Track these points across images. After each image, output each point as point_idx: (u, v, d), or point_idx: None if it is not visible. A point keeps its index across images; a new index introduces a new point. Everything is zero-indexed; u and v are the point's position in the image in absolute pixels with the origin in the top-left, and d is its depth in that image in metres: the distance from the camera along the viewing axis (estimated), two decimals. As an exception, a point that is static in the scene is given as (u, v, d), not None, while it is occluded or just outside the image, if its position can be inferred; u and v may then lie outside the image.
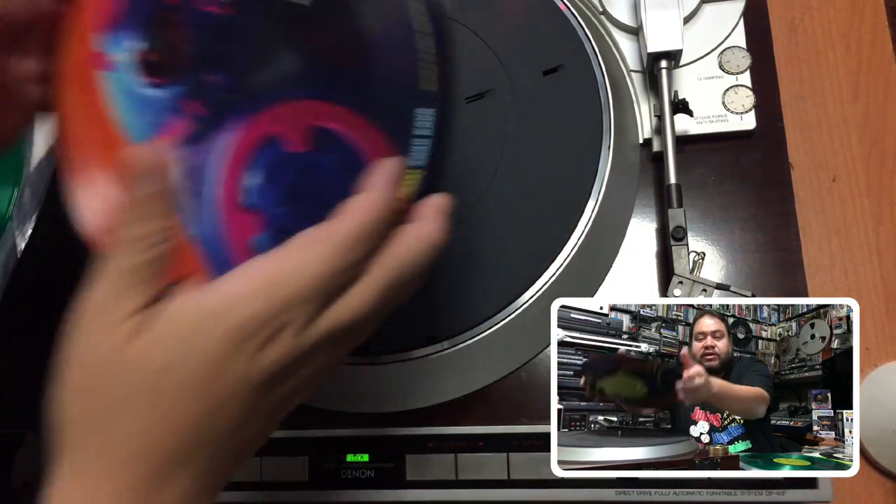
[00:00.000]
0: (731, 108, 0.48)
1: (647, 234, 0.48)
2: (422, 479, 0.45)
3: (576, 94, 0.48)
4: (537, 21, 0.50)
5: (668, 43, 0.46)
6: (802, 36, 0.53)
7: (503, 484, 0.44)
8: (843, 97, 0.52)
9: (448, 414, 0.45)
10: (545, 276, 0.44)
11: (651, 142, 0.49)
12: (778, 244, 0.47)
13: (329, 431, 0.46)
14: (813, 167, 0.51)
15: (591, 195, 0.45)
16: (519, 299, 0.44)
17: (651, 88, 0.50)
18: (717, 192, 0.48)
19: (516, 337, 0.45)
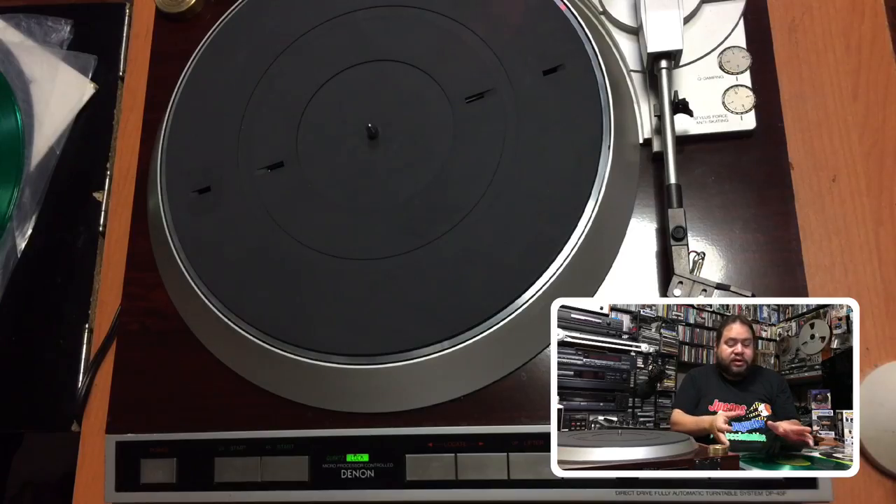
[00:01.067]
0: (731, 108, 0.48)
1: (647, 234, 0.48)
2: (422, 479, 0.45)
3: (576, 94, 0.48)
4: (537, 21, 0.50)
5: (668, 43, 0.46)
6: (802, 36, 0.53)
7: (503, 484, 0.44)
8: (843, 97, 0.52)
9: (448, 414, 0.45)
10: (545, 276, 0.44)
11: (651, 142, 0.49)
12: (778, 244, 0.47)
13: (329, 431, 0.46)
14: (813, 167, 0.51)
15: (591, 195, 0.45)
16: (519, 299, 0.44)
17: (651, 88, 0.50)
18: (717, 192, 0.48)
19: (516, 337, 0.45)
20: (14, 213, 0.58)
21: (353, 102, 0.51)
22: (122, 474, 0.48)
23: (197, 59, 0.55)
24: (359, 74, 0.52)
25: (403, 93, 0.51)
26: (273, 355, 0.45)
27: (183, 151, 0.52)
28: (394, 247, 0.47)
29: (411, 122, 0.50)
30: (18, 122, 0.60)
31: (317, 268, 0.47)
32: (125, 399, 0.50)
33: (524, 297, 0.44)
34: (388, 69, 0.51)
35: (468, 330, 0.44)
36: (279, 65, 0.53)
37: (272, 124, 0.51)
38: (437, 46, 0.51)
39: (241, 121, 0.52)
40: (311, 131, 0.51)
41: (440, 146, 0.48)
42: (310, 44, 0.53)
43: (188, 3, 0.58)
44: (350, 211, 0.48)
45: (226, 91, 0.53)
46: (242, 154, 0.51)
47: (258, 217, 0.49)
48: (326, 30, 0.53)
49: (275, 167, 0.50)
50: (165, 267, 0.51)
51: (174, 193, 0.51)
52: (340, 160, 0.50)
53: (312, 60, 0.52)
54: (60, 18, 0.63)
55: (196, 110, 0.53)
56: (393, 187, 0.48)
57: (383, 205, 0.48)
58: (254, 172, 0.50)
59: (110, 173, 0.58)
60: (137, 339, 0.51)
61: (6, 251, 0.57)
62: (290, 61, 0.53)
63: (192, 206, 0.50)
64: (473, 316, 0.44)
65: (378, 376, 0.45)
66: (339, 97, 0.51)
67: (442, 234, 0.46)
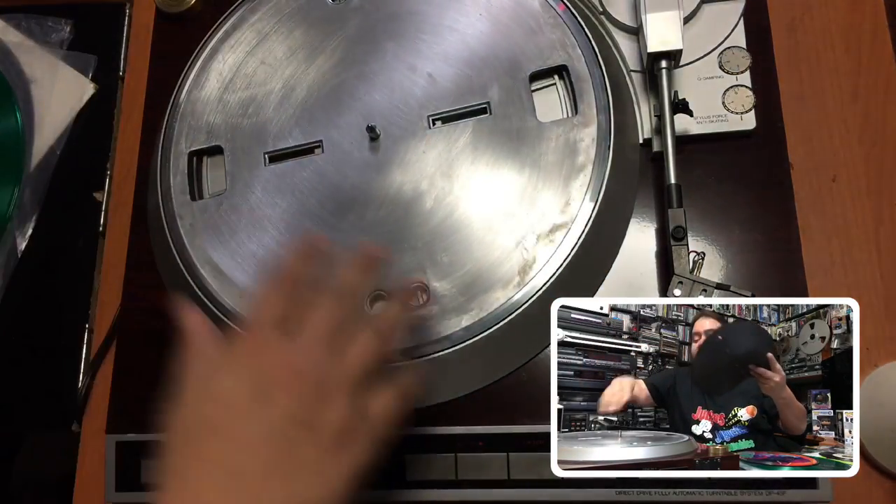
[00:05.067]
0: (731, 108, 0.48)
1: (647, 234, 0.48)
2: (422, 479, 0.45)
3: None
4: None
5: (668, 43, 0.46)
6: (802, 36, 0.53)
7: (503, 484, 0.44)
8: (843, 97, 0.52)
9: (448, 414, 0.45)
10: (545, 276, 0.44)
11: (651, 142, 0.49)
12: (778, 244, 0.47)
13: (329, 431, 0.46)
14: (813, 167, 0.51)
15: (591, 195, 0.45)
16: (519, 299, 0.44)
17: (651, 88, 0.50)
18: (717, 192, 0.48)
19: (516, 337, 0.45)
20: (14, 213, 0.58)
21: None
22: (122, 474, 0.48)
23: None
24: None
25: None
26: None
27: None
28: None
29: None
30: (18, 122, 0.60)
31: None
32: (125, 399, 0.50)
33: (524, 297, 0.44)
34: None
35: (468, 330, 0.44)
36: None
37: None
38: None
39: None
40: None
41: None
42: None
43: (188, 3, 0.58)
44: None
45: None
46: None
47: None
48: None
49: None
50: (165, 267, 0.51)
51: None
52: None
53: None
54: (60, 18, 0.63)
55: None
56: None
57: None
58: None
59: (110, 173, 0.58)
60: (137, 339, 0.51)
61: (6, 251, 0.57)
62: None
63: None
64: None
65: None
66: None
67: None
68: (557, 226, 0.45)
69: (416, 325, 0.41)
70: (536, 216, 0.46)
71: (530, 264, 0.45)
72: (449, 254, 0.46)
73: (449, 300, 0.45)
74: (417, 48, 0.51)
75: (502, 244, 0.46)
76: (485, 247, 0.46)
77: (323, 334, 0.34)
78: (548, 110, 0.49)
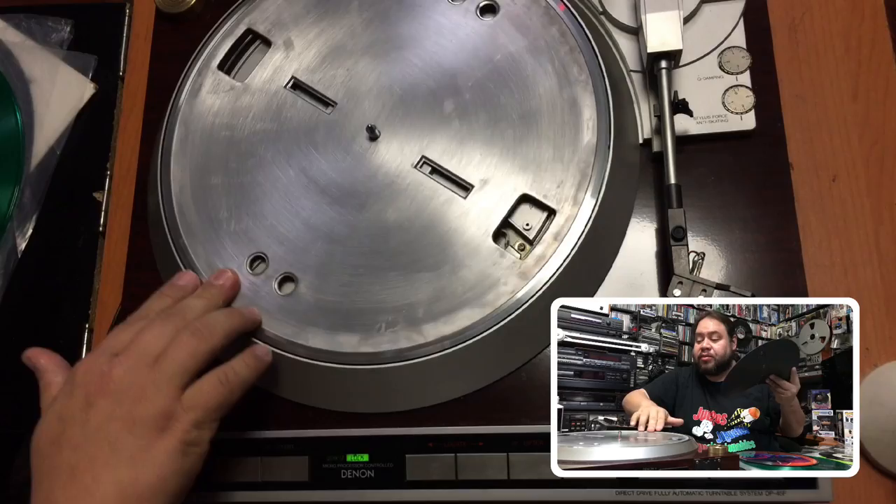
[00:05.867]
0: (731, 108, 0.48)
1: (647, 234, 0.48)
2: (422, 479, 0.45)
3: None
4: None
5: (668, 43, 0.46)
6: (802, 36, 0.53)
7: (503, 484, 0.44)
8: (843, 97, 0.52)
9: (448, 414, 0.45)
10: (545, 275, 0.44)
11: (651, 142, 0.49)
12: (778, 244, 0.47)
13: (329, 431, 0.46)
14: (813, 167, 0.51)
15: (591, 195, 0.45)
16: (519, 299, 0.44)
17: (651, 88, 0.50)
18: (717, 192, 0.48)
19: (516, 337, 0.45)
20: (14, 213, 0.58)
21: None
22: (122, 474, 0.48)
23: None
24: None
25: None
26: (272, 355, 0.45)
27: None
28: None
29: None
30: (18, 122, 0.60)
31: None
32: (125, 399, 0.49)
33: (524, 297, 0.44)
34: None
35: (468, 330, 0.44)
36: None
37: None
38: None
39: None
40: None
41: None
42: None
43: (188, 3, 0.58)
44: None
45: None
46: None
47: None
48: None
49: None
50: (165, 267, 0.51)
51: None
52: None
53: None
54: (60, 18, 0.63)
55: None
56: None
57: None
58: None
59: (110, 173, 0.58)
60: (137, 339, 0.51)
61: (6, 251, 0.57)
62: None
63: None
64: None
65: (378, 376, 0.45)
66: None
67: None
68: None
69: (243, 320, 0.45)
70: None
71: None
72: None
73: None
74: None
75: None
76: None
77: (146, 348, 0.40)
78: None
